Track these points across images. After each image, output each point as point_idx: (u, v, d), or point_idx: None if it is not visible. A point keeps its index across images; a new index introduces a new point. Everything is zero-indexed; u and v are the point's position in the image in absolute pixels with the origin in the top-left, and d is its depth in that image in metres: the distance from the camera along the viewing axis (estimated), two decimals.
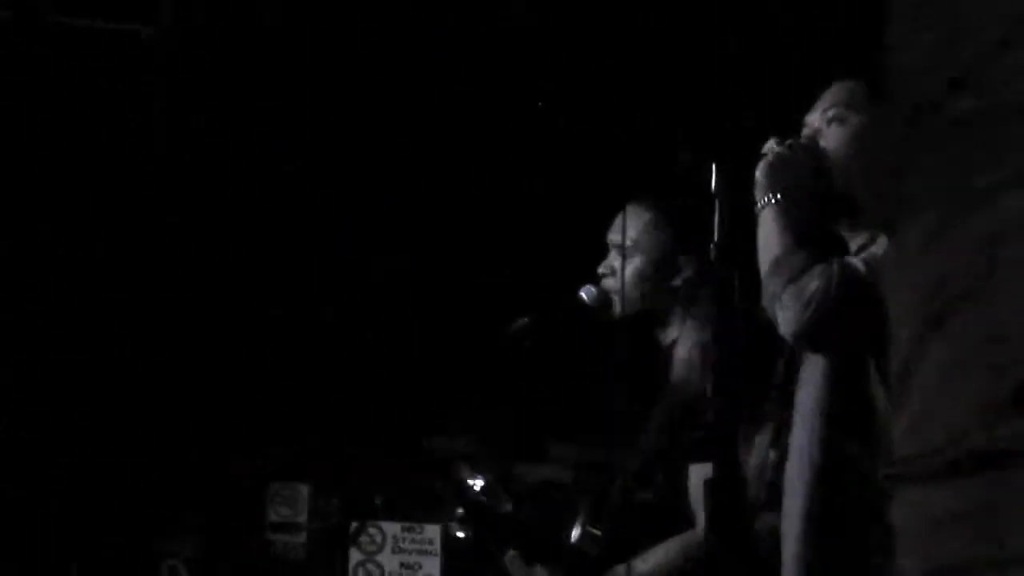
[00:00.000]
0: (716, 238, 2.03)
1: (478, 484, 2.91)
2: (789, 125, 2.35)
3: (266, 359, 4.24)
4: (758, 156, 2.21)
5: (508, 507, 2.87)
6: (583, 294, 2.91)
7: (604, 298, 2.89)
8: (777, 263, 2.04)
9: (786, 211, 2.11)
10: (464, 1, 3.93)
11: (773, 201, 2.14)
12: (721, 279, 1.98)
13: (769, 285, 2.05)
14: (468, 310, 4.18)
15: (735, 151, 2.15)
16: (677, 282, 2.81)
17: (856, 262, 2.02)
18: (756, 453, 2.29)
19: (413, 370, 4.24)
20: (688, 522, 2.71)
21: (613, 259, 2.94)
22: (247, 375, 4.21)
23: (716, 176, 2.06)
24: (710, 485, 2.01)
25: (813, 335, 2.00)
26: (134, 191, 4.12)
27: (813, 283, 1.97)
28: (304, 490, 4.01)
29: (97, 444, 4.04)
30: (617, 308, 2.89)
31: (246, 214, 4.22)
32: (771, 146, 2.25)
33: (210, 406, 4.17)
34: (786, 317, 2.01)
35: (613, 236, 2.97)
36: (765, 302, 2.07)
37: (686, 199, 2.77)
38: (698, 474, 2.67)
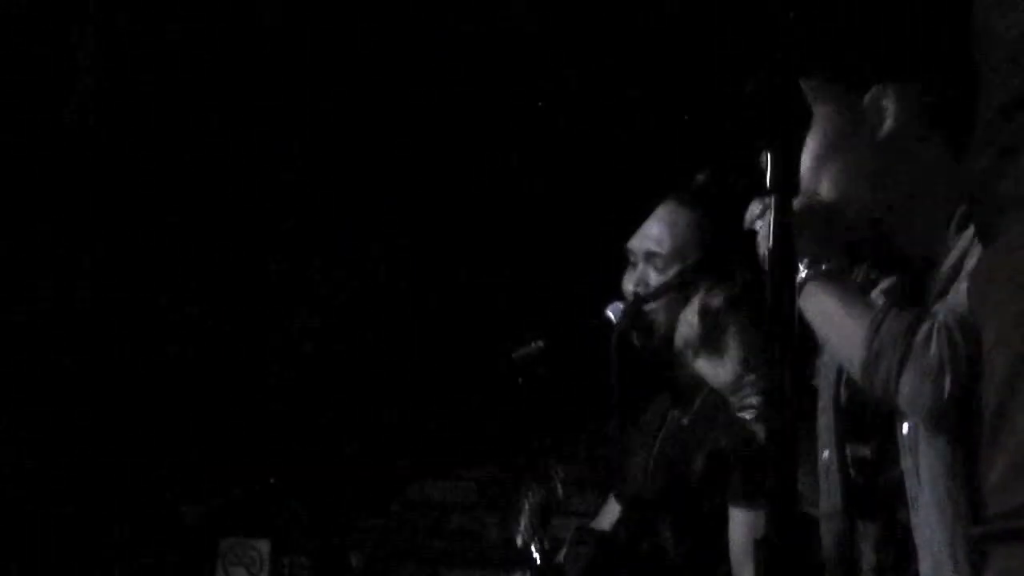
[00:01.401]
0: (770, 243, 2.00)
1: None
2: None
3: (225, 382, 4.32)
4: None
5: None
6: (610, 313, 2.86)
7: (637, 318, 2.89)
8: (873, 341, 2.00)
9: (829, 275, 2.10)
10: (465, 1, 4.12)
11: (809, 271, 2.14)
12: (776, 291, 1.95)
13: (876, 370, 2.00)
14: (468, 331, 4.21)
15: (791, 136, 2.13)
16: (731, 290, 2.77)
17: (956, 308, 1.99)
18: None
19: (400, 400, 4.27)
20: None
21: (647, 270, 2.92)
22: (200, 400, 4.28)
23: (771, 166, 2.01)
24: (762, 545, 2.00)
25: (953, 407, 1.99)
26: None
27: (931, 348, 1.94)
28: (264, 547, 3.98)
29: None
30: (660, 330, 2.86)
31: (231, 226, 4.43)
32: (754, 212, 2.23)
33: (159, 437, 4.23)
34: (919, 403, 1.97)
35: (639, 243, 2.95)
36: (876, 389, 2.04)
37: (724, 186, 2.76)
38: (743, 522, 2.70)
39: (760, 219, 2.18)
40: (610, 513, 3.07)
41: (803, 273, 2.13)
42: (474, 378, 3.82)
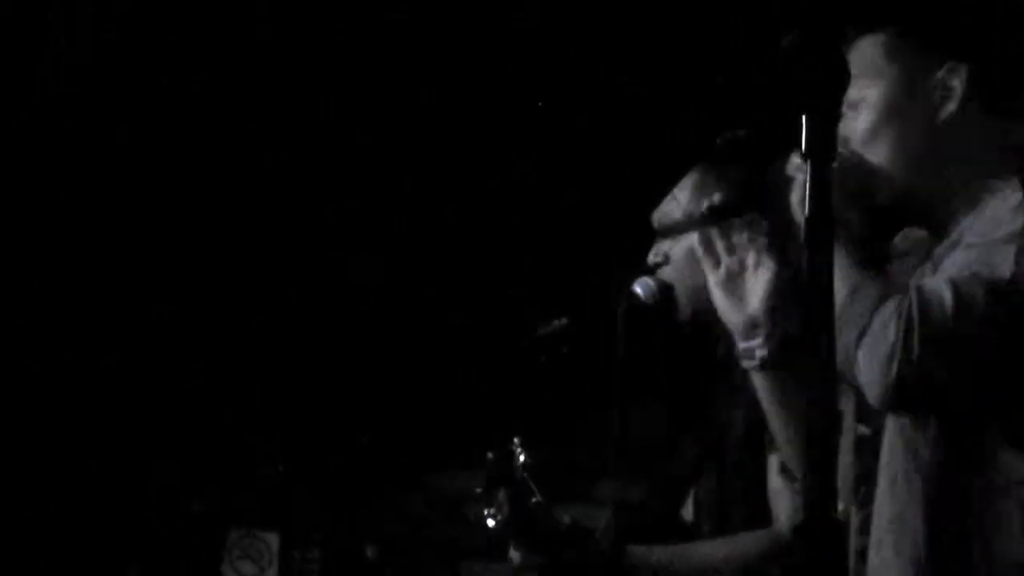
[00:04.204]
0: (807, 213, 2.03)
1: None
2: None
3: (234, 369, 4.38)
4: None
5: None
6: (638, 288, 2.88)
7: (666, 293, 2.89)
8: (841, 315, 1.98)
9: (840, 239, 2.04)
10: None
11: None
12: (814, 265, 1.98)
13: (838, 339, 2.03)
14: (485, 309, 4.23)
15: (831, 96, 2.16)
16: None
17: (938, 285, 1.99)
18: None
19: (414, 384, 4.31)
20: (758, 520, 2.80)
21: (665, 242, 2.94)
22: (207, 387, 4.33)
23: (807, 131, 2.02)
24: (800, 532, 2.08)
25: (907, 399, 2.02)
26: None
27: (889, 330, 1.99)
28: (273, 540, 4.02)
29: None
30: (685, 308, 2.89)
31: (239, 217, 4.55)
32: (797, 164, 2.17)
33: (163, 426, 4.28)
34: (869, 384, 2.02)
35: (659, 212, 2.97)
36: (841, 366, 2.00)
37: (738, 142, 2.79)
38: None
39: (799, 171, 2.18)
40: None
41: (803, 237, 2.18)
42: (493, 363, 3.88)
